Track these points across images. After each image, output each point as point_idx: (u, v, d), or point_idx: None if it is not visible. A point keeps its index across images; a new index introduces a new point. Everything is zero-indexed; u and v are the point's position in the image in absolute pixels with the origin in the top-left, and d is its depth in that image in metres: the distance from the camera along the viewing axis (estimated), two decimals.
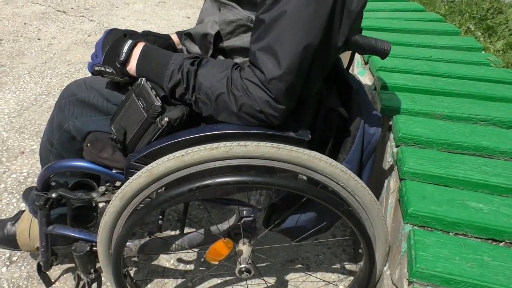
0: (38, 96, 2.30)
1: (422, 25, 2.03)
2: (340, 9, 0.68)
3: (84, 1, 3.80)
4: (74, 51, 2.86)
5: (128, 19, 3.51)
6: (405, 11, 2.28)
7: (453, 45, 1.83)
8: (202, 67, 0.76)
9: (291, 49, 0.67)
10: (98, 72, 0.87)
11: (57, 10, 3.60)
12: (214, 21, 0.82)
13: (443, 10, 3.31)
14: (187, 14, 3.68)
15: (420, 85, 1.41)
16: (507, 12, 3.27)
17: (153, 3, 3.87)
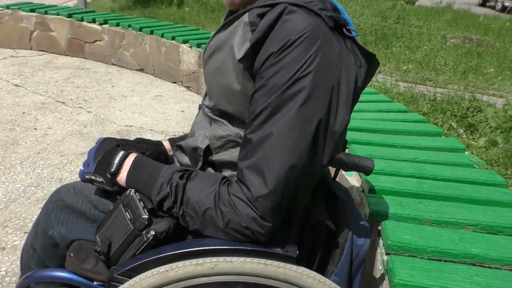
0: (27, 187, 2.29)
1: (406, 126, 2.12)
2: (324, 131, 0.71)
3: (84, 93, 3.95)
4: (69, 142, 2.92)
5: (125, 111, 3.63)
6: (389, 111, 2.39)
7: (436, 146, 1.89)
8: (191, 180, 0.78)
9: (277, 169, 0.69)
10: (88, 180, 0.88)
11: (56, 100, 3.73)
12: (205, 136, 0.85)
13: (426, 109, 3.48)
14: (182, 108, 3.83)
15: (407, 188, 1.44)
16: (486, 110, 3.44)
17: (149, 97, 4.03)
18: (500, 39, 6.74)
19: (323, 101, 0.69)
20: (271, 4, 0.71)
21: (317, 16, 0.69)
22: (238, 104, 0.78)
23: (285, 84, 0.68)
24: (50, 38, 4.97)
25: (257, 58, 0.71)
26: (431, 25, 7.54)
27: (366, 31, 6.51)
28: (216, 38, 0.81)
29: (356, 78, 0.74)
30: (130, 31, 4.61)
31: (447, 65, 5.05)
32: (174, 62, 4.39)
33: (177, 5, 7.66)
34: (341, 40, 0.72)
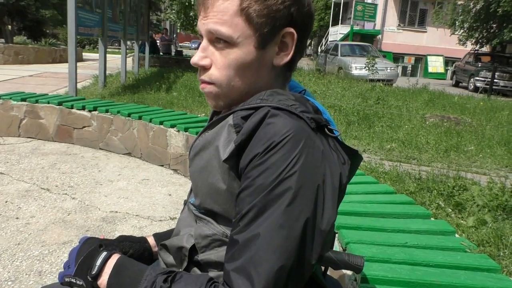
0: (4, 282, 2.16)
1: (394, 208, 2.11)
2: (311, 230, 0.70)
3: (70, 179, 3.91)
4: (51, 231, 2.82)
5: (110, 196, 3.58)
6: (376, 193, 2.40)
7: (427, 229, 1.88)
8: (175, 283, 0.74)
9: (265, 272, 0.67)
10: (68, 284, 0.84)
11: (41, 187, 3.67)
12: (190, 234, 0.83)
13: (412, 188, 3.51)
14: (169, 192, 3.80)
15: (400, 276, 1.40)
16: (471, 189, 3.49)
17: (136, 181, 4.01)
18: (476, 118, 7.05)
19: (309, 200, 0.69)
20: (254, 107, 0.74)
21: (299, 118, 0.72)
22: (224, 203, 0.78)
23: (271, 184, 0.68)
24: (39, 125, 5.04)
25: (242, 159, 0.72)
26: (409, 105, 7.89)
27: (348, 111, 6.77)
28: (202, 137, 0.83)
29: (341, 176, 0.75)
30: (118, 117, 4.72)
31: (429, 144, 5.21)
32: (161, 146, 4.44)
33: (165, 90, 7.95)
34: (324, 140, 0.74)
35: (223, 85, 0.78)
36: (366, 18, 21.89)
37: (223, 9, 0.75)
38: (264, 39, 0.76)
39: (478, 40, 16.00)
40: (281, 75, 0.82)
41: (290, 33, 0.77)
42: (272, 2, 0.74)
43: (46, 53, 14.75)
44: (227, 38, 0.75)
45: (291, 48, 0.78)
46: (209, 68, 0.79)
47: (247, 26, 0.75)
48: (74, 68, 6.04)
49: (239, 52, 0.76)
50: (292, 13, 0.76)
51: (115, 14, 8.45)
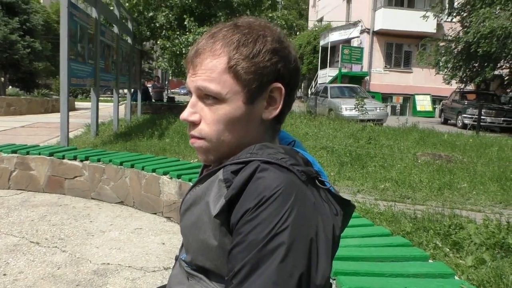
0: None
1: (391, 251, 2.08)
2: (306, 285, 0.68)
3: (60, 231, 3.83)
4: (40, 287, 2.72)
5: (102, 248, 3.49)
6: (372, 236, 2.37)
7: (425, 272, 1.84)
8: None
9: None
10: None
11: (30, 241, 3.58)
12: None
13: (409, 228, 3.48)
14: (163, 240, 3.72)
15: None
16: (467, 227, 3.46)
17: (129, 230, 3.93)
18: (467, 155, 7.12)
19: (302, 254, 0.68)
20: (244, 161, 0.74)
21: (289, 171, 0.72)
22: (216, 259, 0.76)
23: (263, 240, 0.67)
24: (29, 176, 4.99)
25: (233, 214, 0.72)
26: (401, 144, 7.98)
27: (341, 152, 6.81)
28: (193, 192, 0.82)
29: (334, 227, 0.74)
30: (110, 165, 4.69)
31: (422, 182, 5.22)
32: (154, 194, 4.39)
33: (158, 137, 7.98)
34: (315, 191, 0.74)
35: (213, 139, 0.79)
36: (353, 60, 22.53)
37: (211, 67, 0.77)
38: (252, 94, 0.78)
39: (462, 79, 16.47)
40: (270, 128, 0.83)
41: (278, 88, 0.79)
42: (259, 60, 0.76)
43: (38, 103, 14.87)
44: (216, 94, 0.77)
45: (279, 102, 0.80)
46: (198, 124, 0.80)
47: (235, 82, 0.77)
48: (66, 118, 6.07)
49: (228, 108, 0.77)
50: (279, 69, 0.78)
51: (107, 65, 8.62)
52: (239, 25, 0.79)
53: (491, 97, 17.30)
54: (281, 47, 0.79)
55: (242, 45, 0.76)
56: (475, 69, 15.80)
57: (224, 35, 0.78)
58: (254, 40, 0.77)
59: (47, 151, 5.02)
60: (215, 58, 0.77)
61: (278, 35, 0.80)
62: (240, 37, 0.77)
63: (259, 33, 0.78)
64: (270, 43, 0.77)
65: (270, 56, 0.77)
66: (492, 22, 12.58)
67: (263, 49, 0.76)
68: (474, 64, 15.71)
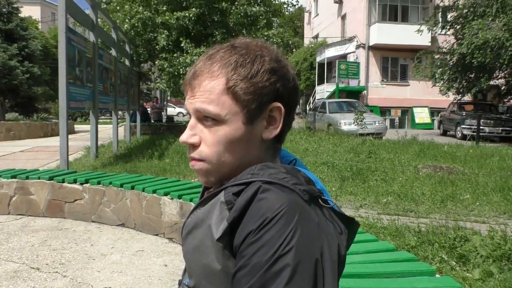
0: None
1: (397, 267, 2.05)
2: None
3: (61, 256, 3.78)
4: None
5: (104, 271, 3.45)
6: (377, 252, 2.34)
7: (433, 287, 1.81)
8: None
9: None
10: None
11: (30, 267, 3.54)
12: None
13: (413, 242, 3.44)
14: (165, 262, 3.67)
15: None
16: (473, 239, 3.42)
17: (130, 253, 3.88)
18: (468, 166, 7.10)
19: (308, 276, 0.66)
20: (245, 182, 0.73)
21: (292, 191, 0.70)
22: (220, 284, 0.74)
23: (267, 262, 0.65)
24: (29, 201, 4.96)
25: (235, 236, 0.70)
26: (401, 157, 7.96)
27: (341, 167, 6.79)
28: (194, 215, 0.81)
29: (339, 247, 0.72)
30: (111, 188, 4.67)
31: (424, 195, 5.18)
32: (155, 215, 4.36)
33: (157, 157, 7.97)
34: (319, 211, 0.72)
35: (213, 161, 0.78)
36: (350, 75, 22.68)
37: (209, 89, 0.76)
38: (251, 115, 0.77)
39: (459, 90, 16.55)
40: (271, 148, 0.82)
41: (278, 107, 0.78)
42: (258, 80, 0.76)
43: (37, 128, 14.89)
44: (215, 116, 0.76)
45: (279, 121, 0.79)
46: (198, 146, 0.79)
47: (234, 103, 0.76)
48: (65, 142, 6.07)
49: (227, 129, 0.77)
50: (278, 89, 0.78)
51: (105, 87, 8.67)
52: (236, 46, 0.79)
53: (489, 107, 17.36)
54: (279, 67, 0.78)
55: (240, 65, 0.76)
56: (471, 80, 15.90)
57: (222, 57, 0.78)
58: (252, 61, 0.76)
59: (47, 175, 5.00)
60: (213, 79, 0.77)
61: (276, 55, 0.80)
62: (238, 57, 0.77)
63: (256, 53, 0.78)
64: (268, 63, 0.77)
65: (268, 76, 0.76)
66: (485, 33, 12.72)
67: (261, 69, 0.76)
68: (469, 75, 15.81)
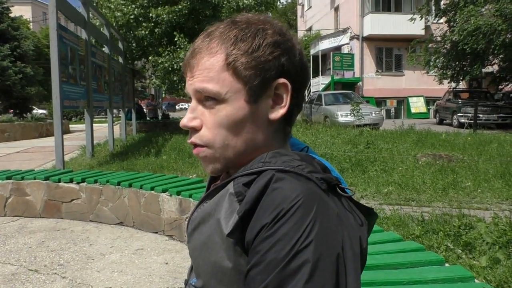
0: None
1: (405, 257, 2.00)
2: None
3: (59, 257, 3.72)
4: None
5: (104, 271, 3.38)
6: (383, 242, 2.29)
7: (444, 277, 1.76)
8: None
9: None
10: None
11: (29, 269, 3.47)
12: None
13: (417, 231, 3.40)
14: (165, 260, 3.61)
15: None
16: (477, 226, 3.38)
17: (130, 251, 3.82)
18: (467, 153, 7.07)
19: (330, 273, 0.60)
20: (256, 171, 0.67)
21: (308, 180, 0.64)
22: (231, 284, 0.67)
23: (285, 258, 0.59)
24: (25, 202, 4.88)
25: (248, 230, 0.63)
26: (399, 147, 7.92)
27: (340, 159, 6.74)
28: (200, 209, 0.74)
29: (360, 239, 0.66)
30: (108, 186, 4.60)
31: (425, 184, 5.14)
32: (154, 212, 4.30)
33: (154, 154, 7.89)
34: (337, 201, 0.66)
35: (216, 145, 0.72)
36: (345, 67, 22.62)
37: (208, 66, 0.70)
38: (255, 92, 0.70)
39: (453, 77, 16.53)
40: (279, 131, 0.76)
41: (283, 84, 0.71)
42: (259, 54, 0.69)
43: (32, 128, 14.75)
44: (215, 94, 0.70)
45: (286, 100, 0.72)
46: (199, 130, 0.72)
47: (235, 80, 0.70)
48: (60, 141, 5.97)
49: (229, 108, 0.70)
50: (283, 64, 0.71)
51: (100, 85, 8.56)
52: (236, 21, 0.73)
53: (485, 95, 17.37)
54: (283, 40, 0.72)
55: (240, 40, 0.70)
56: (464, 67, 15.88)
57: (221, 32, 0.71)
58: (254, 34, 0.70)
59: (43, 175, 4.92)
60: (212, 56, 0.70)
61: (280, 28, 0.73)
62: (238, 32, 0.70)
63: (258, 27, 0.71)
64: (271, 36, 0.71)
65: (271, 49, 0.70)
66: (477, 20, 12.69)
67: (264, 42, 0.70)
68: (463, 62, 15.79)
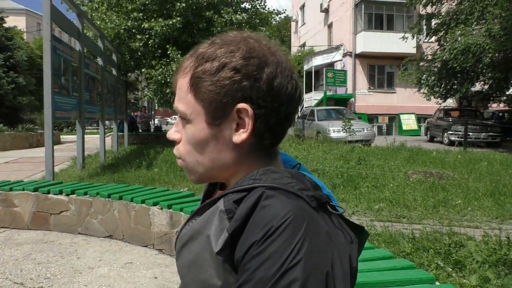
0: None
1: (396, 275, 1.99)
2: None
3: (46, 270, 3.65)
4: None
5: (91, 285, 3.33)
6: (374, 260, 2.28)
7: None
8: None
9: None
10: None
11: (14, 282, 3.40)
12: None
13: (408, 248, 3.40)
14: (155, 274, 3.56)
15: None
16: (468, 244, 3.39)
17: (119, 265, 3.77)
18: (458, 171, 7.12)
19: None
20: (247, 188, 0.66)
21: (298, 197, 0.64)
22: None
23: (274, 276, 0.58)
24: (12, 213, 4.80)
25: (237, 248, 0.63)
26: (390, 163, 7.96)
27: (332, 175, 6.75)
28: (189, 226, 0.74)
29: (350, 258, 0.66)
30: (98, 198, 4.55)
31: (416, 201, 5.16)
32: (144, 225, 4.25)
33: (146, 167, 7.84)
34: (327, 218, 0.66)
35: (187, 160, 0.76)
36: (338, 83, 22.83)
37: (180, 86, 0.74)
38: (214, 115, 0.71)
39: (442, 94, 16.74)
40: (255, 151, 0.74)
41: (244, 109, 0.69)
42: (219, 77, 0.69)
43: (22, 138, 14.61)
44: (183, 114, 0.74)
45: (248, 125, 0.70)
46: (179, 142, 0.77)
47: (196, 102, 0.72)
48: (50, 152, 5.92)
49: (193, 129, 0.73)
50: (244, 88, 0.69)
51: (92, 97, 8.54)
52: (215, 40, 0.73)
53: (475, 113, 17.59)
54: (246, 64, 0.69)
55: (207, 61, 0.70)
56: (454, 85, 16.12)
57: (197, 52, 0.73)
58: (221, 55, 0.70)
59: (31, 186, 4.86)
60: (184, 76, 0.73)
61: (250, 50, 0.70)
62: (211, 52, 0.70)
63: (230, 48, 0.70)
64: (236, 60, 0.69)
65: (231, 73, 0.69)
66: (467, 39, 12.93)
67: (227, 65, 0.69)
68: (453, 80, 16.03)
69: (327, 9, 25.99)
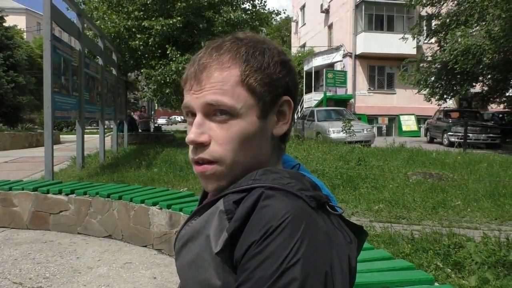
0: None
1: (395, 276, 1.99)
2: None
3: (45, 269, 3.65)
4: None
5: (90, 285, 3.32)
6: (373, 260, 2.28)
7: None
8: None
9: None
10: None
11: (13, 282, 3.40)
12: None
13: (407, 249, 3.40)
14: (154, 274, 3.56)
15: None
16: (467, 245, 3.39)
17: (118, 265, 3.76)
18: (457, 172, 7.13)
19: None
20: (246, 189, 0.66)
21: (297, 197, 0.64)
22: None
23: (272, 276, 0.58)
24: (12, 213, 4.80)
25: (236, 248, 0.63)
26: (390, 164, 7.96)
27: (332, 175, 6.75)
28: (189, 226, 0.74)
29: (349, 258, 0.66)
30: (97, 198, 4.55)
31: (416, 202, 5.16)
32: (144, 225, 4.25)
33: (145, 167, 7.84)
34: (326, 219, 0.66)
35: (227, 161, 0.71)
36: (338, 84, 22.85)
37: (222, 79, 0.70)
38: (266, 108, 0.72)
39: (442, 96, 16.75)
40: (276, 147, 0.77)
41: (287, 101, 0.74)
42: (271, 71, 0.72)
43: (22, 138, 14.61)
44: (230, 108, 0.70)
45: (288, 116, 0.75)
46: (207, 145, 0.71)
47: (249, 95, 0.71)
48: (50, 152, 5.92)
49: (242, 124, 0.70)
50: (287, 82, 0.74)
51: (92, 96, 8.54)
52: (241, 38, 0.75)
53: (474, 115, 17.60)
54: (287, 59, 0.76)
55: (251, 57, 0.72)
56: (454, 86, 16.13)
57: (229, 48, 0.72)
58: (262, 52, 0.73)
59: (31, 186, 4.86)
60: (225, 70, 0.71)
61: (280, 48, 0.77)
62: (247, 49, 0.72)
63: (263, 46, 0.74)
64: (277, 55, 0.74)
65: (280, 67, 0.73)
66: (467, 40, 12.94)
67: (272, 61, 0.73)
68: (452, 81, 16.04)
69: (327, 10, 26.01)
